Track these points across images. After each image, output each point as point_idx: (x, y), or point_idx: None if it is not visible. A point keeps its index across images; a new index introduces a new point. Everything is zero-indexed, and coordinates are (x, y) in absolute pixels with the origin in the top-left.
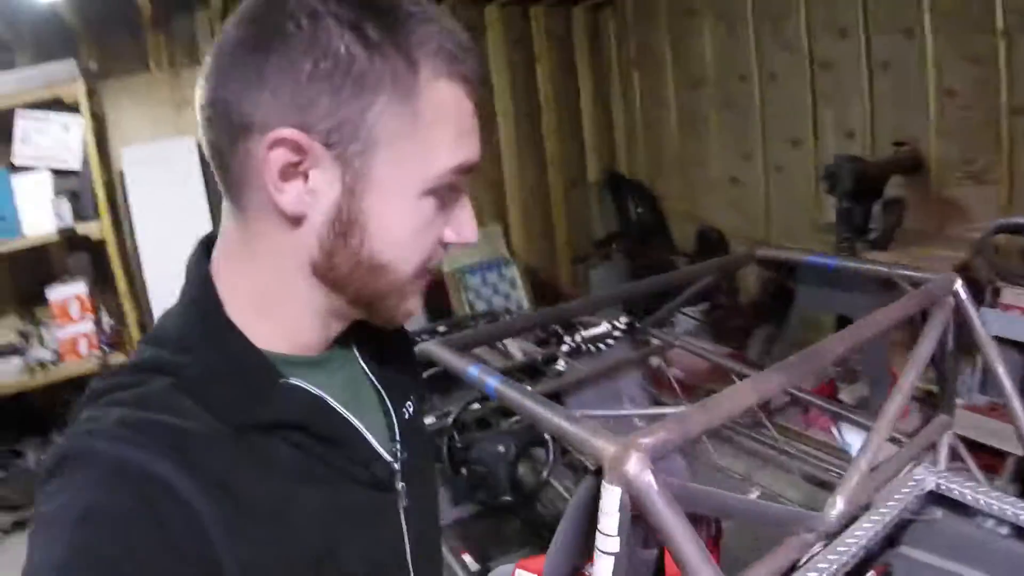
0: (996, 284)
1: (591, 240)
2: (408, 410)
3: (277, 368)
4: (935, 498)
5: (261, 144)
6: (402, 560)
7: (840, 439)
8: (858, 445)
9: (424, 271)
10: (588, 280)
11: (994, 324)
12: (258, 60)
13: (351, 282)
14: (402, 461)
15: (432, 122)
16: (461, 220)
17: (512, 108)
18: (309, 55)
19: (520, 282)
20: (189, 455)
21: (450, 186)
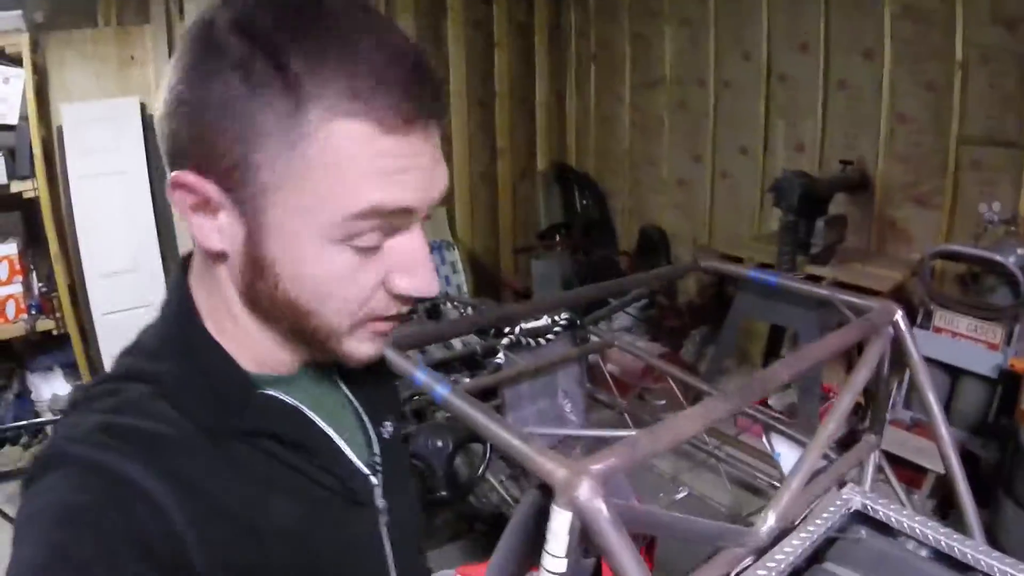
0: (929, 307)
1: (536, 231)
2: (387, 429)
3: (251, 379)
4: (861, 517)
5: (167, 183)
6: None
7: (770, 448)
8: (787, 455)
9: (368, 318)
10: (530, 270)
11: (924, 345)
12: (177, 87)
13: (280, 320)
14: (383, 479)
15: (328, 165)
16: (409, 268)
17: (466, 91)
18: (204, 89)
19: (462, 267)
20: (162, 458)
21: (379, 231)
